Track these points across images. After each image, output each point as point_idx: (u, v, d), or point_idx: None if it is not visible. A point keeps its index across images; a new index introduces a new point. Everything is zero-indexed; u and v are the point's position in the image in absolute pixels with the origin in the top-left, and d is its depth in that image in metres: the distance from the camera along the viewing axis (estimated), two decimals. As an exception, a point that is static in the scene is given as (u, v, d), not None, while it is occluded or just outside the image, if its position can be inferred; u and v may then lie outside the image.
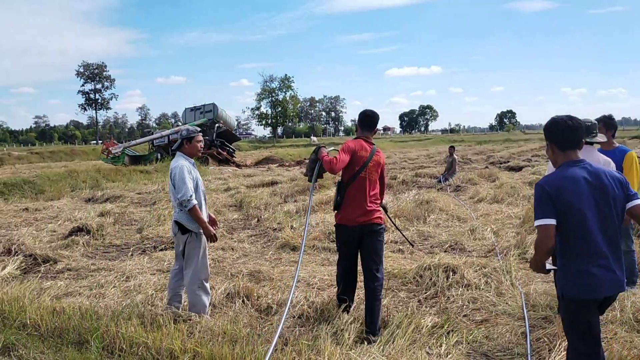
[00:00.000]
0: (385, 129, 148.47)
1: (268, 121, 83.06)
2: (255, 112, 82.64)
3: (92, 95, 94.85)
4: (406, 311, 4.67)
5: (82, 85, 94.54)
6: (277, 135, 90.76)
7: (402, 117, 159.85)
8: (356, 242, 4.52)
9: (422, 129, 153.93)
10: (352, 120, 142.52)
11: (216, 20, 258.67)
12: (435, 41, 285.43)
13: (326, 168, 4.42)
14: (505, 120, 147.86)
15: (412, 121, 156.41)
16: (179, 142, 4.81)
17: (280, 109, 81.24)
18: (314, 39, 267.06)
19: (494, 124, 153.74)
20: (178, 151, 4.83)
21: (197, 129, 4.93)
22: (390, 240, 7.91)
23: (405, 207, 10.20)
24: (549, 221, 2.82)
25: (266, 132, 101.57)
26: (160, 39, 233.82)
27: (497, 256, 6.70)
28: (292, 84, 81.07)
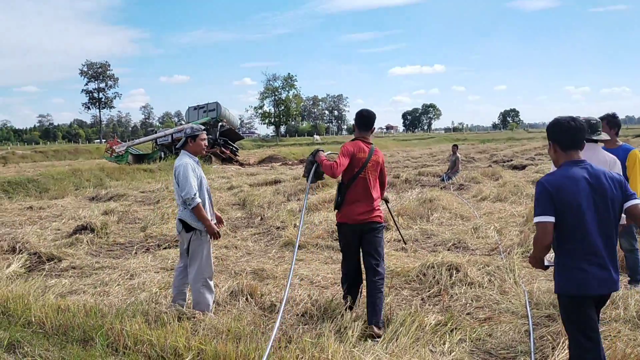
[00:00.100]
0: (388, 127, 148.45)
1: (271, 120, 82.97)
2: (258, 110, 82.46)
3: (95, 94, 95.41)
4: (410, 309, 4.67)
5: (86, 84, 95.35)
6: (280, 134, 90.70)
7: (405, 115, 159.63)
8: (357, 240, 4.64)
9: (425, 127, 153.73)
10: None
11: (219, 19, 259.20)
12: (438, 40, 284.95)
13: (327, 173, 4.53)
14: (509, 118, 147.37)
15: (415, 120, 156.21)
16: (183, 140, 4.81)
17: (283, 107, 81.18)
18: (317, 38, 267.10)
19: (497, 122, 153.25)
20: (182, 149, 4.83)
21: (202, 127, 4.92)
22: (393, 238, 7.92)
23: (408, 205, 10.20)
24: (548, 218, 2.89)
25: (269, 130, 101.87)
26: (164, 38, 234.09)
27: (501, 254, 6.69)
28: (295, 82, 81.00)
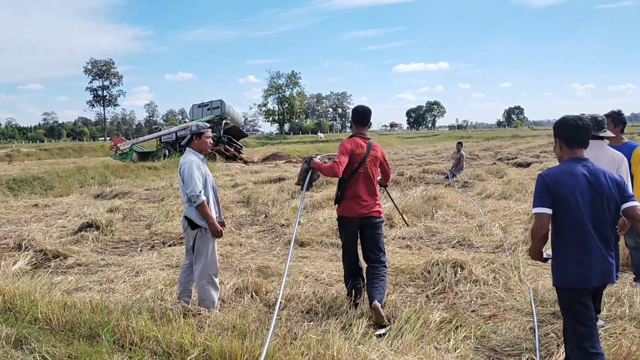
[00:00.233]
0: (392, 125, 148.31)
1: (275, 117, 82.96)
2: (263, 108, 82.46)
3: (100, 92, 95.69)
4: (414, 306, 4.68)
5: (90, 82, 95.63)
6: (284, 131, 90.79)
7: (409, 113, 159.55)
8: (357, 234, 4.77)
9: (430, 125, 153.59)
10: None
11: (223, 17, 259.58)
12: (442, 37, 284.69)
13: (329, 175, 4.68)
14: (513, 116, 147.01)
15: (420, 117, 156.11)
16: (189, 137, 4.82)
17: (287, 105, 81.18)
18: (321, 35, 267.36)
19: (501, 120, 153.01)
20: (188, 147, 4.84)
21: (207, 125, 4.93)
22: (397, 236, 7.92)
23: (412, 203, 10.20)
24: (545, 210, 3.00)
25: (273, 128, 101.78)
26: (168, 36, 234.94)
27: (505, 252, 6.68)
28: (299, 80, 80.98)
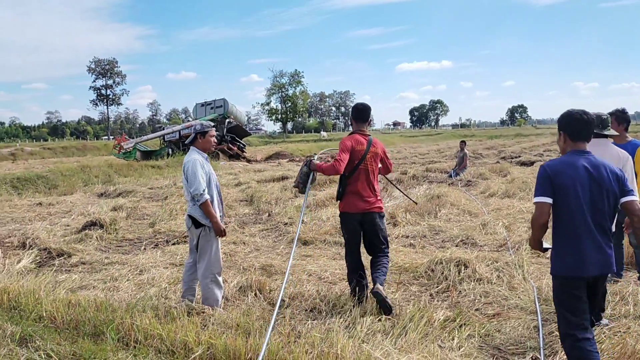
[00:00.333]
0: (395, 124, 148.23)
1: (278, 116, 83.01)
2: (265, 107, 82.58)
3: (103, 91, 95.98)
4: (418, 305, 4.67)
5: (94, 81, 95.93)
6: (287, 130, 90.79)
7: (412, 112, 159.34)
8: (360, 228, 4.81)
9: (433, 123, 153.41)
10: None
11: (225, 16, 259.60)
12: (445, 36, 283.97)
13: (331, 173, 4.72)
14: (517, 114, 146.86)
15: (423, 116, 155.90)
16: (193, 136, 4.83)
17: (290, 104, 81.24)
18: (324, 34, 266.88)
19: (505, 118, 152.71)
20: (191, 145, 4.84)
21: (211, 124, 4.94)
22: (401, 234, 7.92)
23: (416, 201, 10.17)
24: (545, 199, 3.08)
25: (276, 127, 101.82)
26: (170, 35, 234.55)
27: (509, 250, 6.66)
28: (301, 79, 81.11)
